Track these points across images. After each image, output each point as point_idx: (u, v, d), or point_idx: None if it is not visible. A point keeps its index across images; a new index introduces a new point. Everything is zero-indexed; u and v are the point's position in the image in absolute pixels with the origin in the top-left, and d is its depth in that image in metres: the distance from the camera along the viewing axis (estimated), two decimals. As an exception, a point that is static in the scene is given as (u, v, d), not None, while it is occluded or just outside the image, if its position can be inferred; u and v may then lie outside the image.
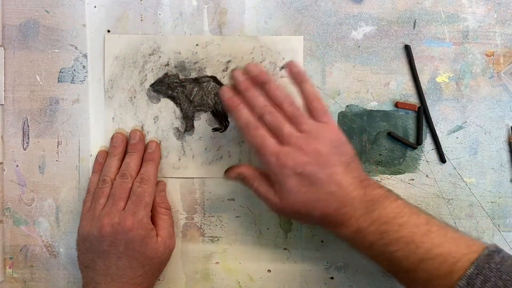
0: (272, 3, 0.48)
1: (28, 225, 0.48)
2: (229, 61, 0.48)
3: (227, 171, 0.44)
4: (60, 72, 0.48)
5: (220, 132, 0.48)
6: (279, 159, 0.39)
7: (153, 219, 0.46)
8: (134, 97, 0.48)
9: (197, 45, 0.48)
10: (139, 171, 0.46)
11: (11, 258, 0.48)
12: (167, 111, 0.48)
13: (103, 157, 0.47)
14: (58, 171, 0.48)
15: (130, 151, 0.47)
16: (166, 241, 0.45)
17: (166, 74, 0.48)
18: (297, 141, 0.39)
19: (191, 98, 0.47)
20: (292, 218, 0.43)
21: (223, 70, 0.48)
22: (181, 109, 0.48)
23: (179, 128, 0.48)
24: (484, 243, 0.37)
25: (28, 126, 0.48)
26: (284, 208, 0.40)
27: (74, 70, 0.48)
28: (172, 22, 0.48)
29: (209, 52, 0.48)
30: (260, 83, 0.42)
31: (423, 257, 0.36)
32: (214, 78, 0.48)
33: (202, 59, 0.48)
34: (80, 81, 0.48)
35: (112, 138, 0.48)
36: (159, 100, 0.48)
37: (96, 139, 0.48)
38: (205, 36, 0.48)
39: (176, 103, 0.48)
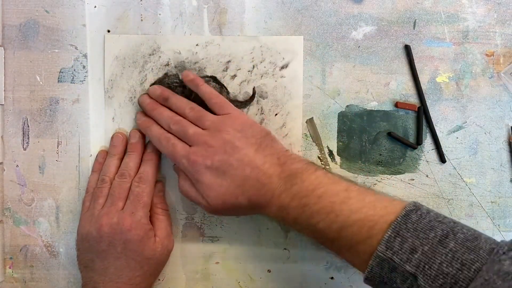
0: (272, 3, 0.48)
1: (28, 225, 0.48)
2: (229, 61, 0.48)
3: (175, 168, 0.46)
4: (60, 72, 0.48)
5: None
6: (189, 159, 0.40)
7: (151, 219, 0.46)
8: (134, 97, 0.48)
9: (197, 45, 0.48)
10: (137, 171, 0.46)
11: (11, 258, 0.48)
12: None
13: (103, 157, 0.47)
14: (58, 171, 0.48)
15: (129, 150, 0.47)
16: (164, 241, 0.45)
17: (166, 74, 0.48)
18: (202, 138, 0.41)
19: (191, 98, 0.47)
20: (228, 214, 0.43)
21: (223, 70, 0.48)
22: None
23: None
24: (402, 202, 0.37)
25: (28, 126, 0.48)
26: (213, 207, 0.41)
27: (74, 70, 0.48)
28: (172, 22, 0.48)
29: (209, 52, 0.48)
30: (163, 100, 0.45)
31: (343, 225, 0.36)
32: (214, 78, 0.48)
33: (202, 59, 0.48)
34: (80, 81, 0.48)
35: (112, 138, 0.47)
36: None
37: (96, 139, 0.48)
38: (205, 36, 0.48)
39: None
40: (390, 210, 0.36)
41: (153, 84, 0.47)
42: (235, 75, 0.48)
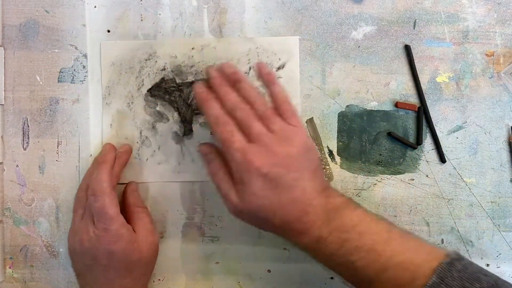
0: (272, 3, 0.48)
1: (28, 225, 0.48)
2: None
3: (203, 144, 0.42)
4: (60, 72, 0.48)
5: None
6: (246, 156, 0.37)
7: (130, 220, 0.45)
8: (132, 102, 0.48)
9: (193, 48, 0.48)
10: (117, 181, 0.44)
11: (11, 258, 0.48)
12: (165, 116, 0.48)
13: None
14: (58, 171, 0.48)
15: (96, 163, 0.45)
16: (148, 239, 0.44)
17: (163, 78, 0.48)
18: (266, 140, 0.37)
19: (189, 101, 0.47)
20: (251, 223, 0.40)
21: None
22: (179, 113, 0.48)
23: (178, 132, 0.48)
24: (444, 250, 0.36)
25: (28, 126, 0.48)
26: (243, 211, 0.38)
27: (74, 70, 0.48)
28: (172, 22, 0.48)
29: (205, 55, 0.48)
30: (234, 81, 0.41)
31: (384, 266, 0.35)
32: None
33: (199, 62, 0.48)
34: (80, 81, 0.48)
35: (105, 146, 0.47)
36: (157, 104, 0.48)
37: (96, 139, 0.48)
38: (200, 40, 0.48)
39: (174, 107, 0.48)
40: (434, 256, 0.35)
41: (151, 89, 0.47)
42: None
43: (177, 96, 0.47)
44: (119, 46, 0.48)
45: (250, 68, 0.48)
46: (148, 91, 0.48)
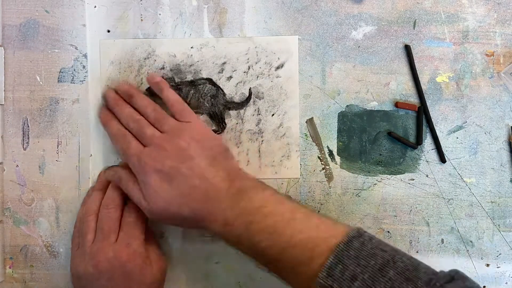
0: (272, 3, 0.48)
1: (28, 225, 0.48)
2: (224, 63, 0.48)
3: (107, 170, 0.46)
4: (60, 72, 0.48)
5: (218, 133, 0.48)
6: (140, 159, 0.40)
7: None
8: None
9: (192, 47, 0.48)
10: (123, 198, 0.44)
11: (11, 258, 0.48)
12: None
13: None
14: (58, 171, 0.48)
15: (112, 183, 0.46)
16: (159, 263, 0.44)
17: (161, 77, 0.48)
18: (158, 141, 0.40)
19: (188, 100, 0.47)
20: (168, 222, 0.42)
21: (219, 72, 0.48)
22: None
23: None
24: (346, 227, 0.37)
25: (28, 126, 0.48)
26: (154, 211, 0.40)
27: (74, 70, 0.48)
28: (172, 22, 0.48)
29: (204, 54, 0.48)
30: (128, 97, 0.45)
31: (285, 246, 0.36)
32: (210, 80, 0.48)
33: (197, 61, 0.48)
34: (80, 81, 0.48)
35: (99, 174, 0.47)
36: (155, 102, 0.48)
37: (96, 139, 0.48)
38: (199, 39, 0.48)
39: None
40: (333, 233, 0.36)
41: (150, 87, 0.47)
42: (230, 77, 0.48)
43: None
44: (118, 44, 0.48)
45: (249, 68, 0.48)
46: (147, 89, 0.47)
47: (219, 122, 0.48)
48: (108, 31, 0.48)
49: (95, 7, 0.48)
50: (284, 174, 0.48)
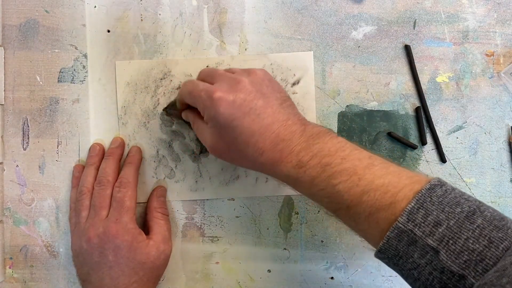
0: (272, 3, 0.48)
1: (28, 225, 0.48)
2: None
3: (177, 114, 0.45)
4: (60, 72, 0.48)
5: None
6: (209, 91, 0.37)
7: (148, 223, 0.46)
8: (148, 122, 0.48)
9: (207, 66, 0.48)
10: (117, 176, 0.45)
11: (11, 258, 0.48)
12: (181, 134, 0.48)
13: (79, 170, 0.47)
14: (58, 171, 0.48)
15: (105, 156, 0.46)
16: (160, 245, 0.44)
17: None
18: (229, 75, 0.39)
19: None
20: (233, 161, 0.40)
21: None
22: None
23: (194, 150, 0.48)
24: (426, 176, 0.35)
25: (28, 126, 0.48)
26: (218, 145, 0.39)
27: (74, 70, 0.48)
28: (172, 22, 0.48)
29: None
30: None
31: (365, 189, 0.34)
32: None
33: None
34: (80, 81, 0.48)
35: (89, 149, 0.47)
36: (173, 123, 0.48)
37: (96, 140, 0.48)
38: (215, 58, 0.48)
39: (189, 125, 0.48)
40: (415, 180, 0.34)
41: (166, 107, 0.47)
42: None
43: None
44: (133, 65, 0.48)
45: None
46: (163, 110, 0.48)
47: None
48: (108, 31, 0.48)
49: (95, 7, 0.48)
50: None
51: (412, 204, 0.32)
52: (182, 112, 0.45)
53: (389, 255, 0.33)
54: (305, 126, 0.38)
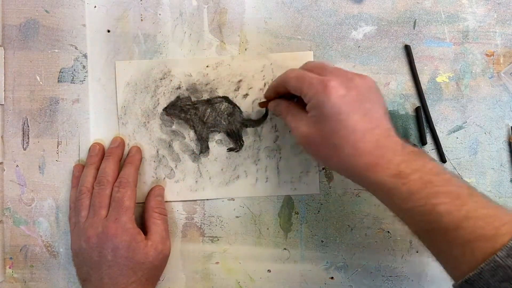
0: (272, 3, 0.48)
1: (28, 225, 0.48)
2: (240, 81, 0.48)
3: (266, 104, 0.45)
4: (60, 72, 0.48)
5: (236, 152, 0.48)
6: (324, 81, 0.36)
7: (146, 223, 0.46)
8: (148, 122, 0.48)
9: (207, 66, 0.48)
10: (117, 176, 0.45)
11: (11, 258, 0.48)
12: (181, 134, 0.48)
13: (79, 170, 0.47)
14: (58, 171, 0.48)
15: (105, 156, 0.47)
16: (158, 246, 0.44)
17: (178, 97, 0.48)
18: (342, 71, 0.38)
19: (205, 119, 0.47)
20: (317, 154, 0.39)
21: (235, 90, 0.48)
22: (195, 131, 0.48)
23: (194, 150, 0.48)
24: None
25: (28, 126, 0.48)
26: (312, 136, 0.37)
27: (74, 70, 0.48)
28: (172, 22, 0.48)
29: (219, 72, 0.48)
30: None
31: (468, 215, 0.32)
32: (226, 98, 0.48)
33: (213, 80, 0.48)
34: (80, 81, 0.48)
35: (89, 148, 0.47)
36: (173, 123, 0.48)
37: (96, 139, 0.48)
38: (215, 58, 0.48)
39: (189, 125, 0.48)
40: None
41: (166, 108, 0.47)
42: (247, 94, 0.48)
43: (192, 114, 0.48)
44: (133, 65, 0.48)
45: (264, 84, 0.48)
46: (163, 110, 0.48)
47: (236, 140, 0.48)
48: (108, 31, 0.48)
49: (95, 7, 0.48)
50: (303, 190, 0.48)
51: None
52: (271, 101, 0.44)
53: (476, 287, 0.32)
54: (403, 142, 0.37)
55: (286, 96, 0.42)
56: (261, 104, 0.46)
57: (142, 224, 0.47)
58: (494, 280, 0.31)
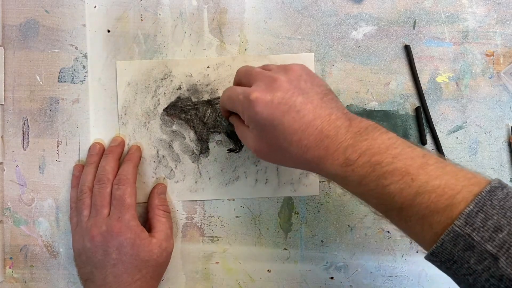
0: (272, 3, 0.48)
1: (28, 225, 0.48)
2: None
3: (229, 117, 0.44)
4: (60, 72, 0.48)
5: (235, 152, 0.48)
6: (246, 93, 0.37)
7: (150, 221, 0.46)
8: (148, 122, 0.48)
9: (208, 67, 0.48)
10: (115, 172, 0.45)
11: (11, 258, 0.48)
12: (181, 135, 0.48)
13: (79, 170, 0.47)
14: (58, 171, 0.48)
15: (105, 154, 0.47)
16: (162, 243, 0.44)
17: (178, 97, 0.48)
18: (265, 74, 0.38)
19: (205, 120, 0.47)
20: (278, 161, 0.39)
21: None
22: (195, 132, 0.48)
23: (194, 150, 0.48)
24: (486, 178, 0.32)
25: (28, 126, 0.48)
26: (261, 147, 0.38)
27: (74, 70, 0.48)
28: (172, 22, 0.48)
29: (220, 73, 0.48)
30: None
31: (419, 190, 0.32)
32: None
33: (214, 80, 0.48)
34: (80, 81, 0.48)
35: (89, 148, 0.48)
36: (173, 123, 0.48)
37: (96, 139, 0.48)
38: (216, 58, 0.48)
39: (190, 126, 0.48)
40: (474, 181, 0.31)
41: (167, 108, 0.47)
42: None
43: (193, 114, 0.48)
44: (134, 65, 0.48)
45: None
46: (164, 110, 0.48)
47: (236, 141, 0.48)
48: (108, 31, 0.48)
49: (95, 7, 0.48)
50: (302, 192, 0.48)
51: (471, 207, 0.30)
52: (229, 117, 0.44)
53: (442, 259, 0.31)
54: (351, 121, 0.36)
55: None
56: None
57: (144, 223, 0.47)
58: (456, 250, 0.30)
